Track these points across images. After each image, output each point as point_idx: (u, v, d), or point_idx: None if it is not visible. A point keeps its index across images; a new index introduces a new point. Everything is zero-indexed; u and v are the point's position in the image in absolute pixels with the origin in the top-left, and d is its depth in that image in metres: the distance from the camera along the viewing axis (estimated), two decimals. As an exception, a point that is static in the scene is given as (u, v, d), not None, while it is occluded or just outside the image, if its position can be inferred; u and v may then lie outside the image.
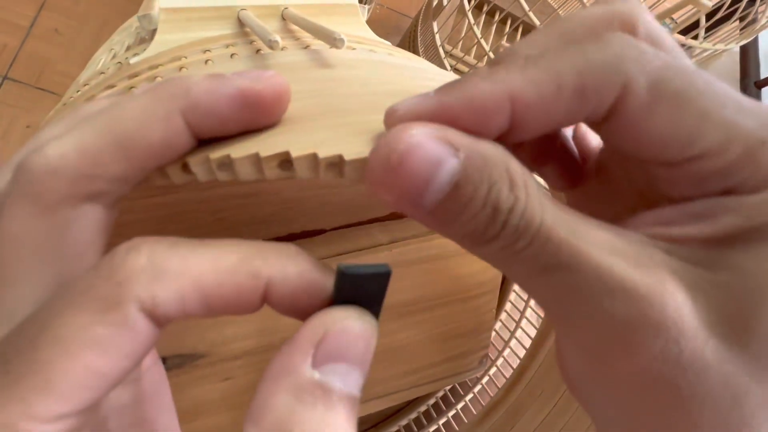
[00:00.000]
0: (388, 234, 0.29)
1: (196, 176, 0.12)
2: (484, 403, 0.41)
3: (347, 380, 0.10)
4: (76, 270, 0.11)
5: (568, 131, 0.16)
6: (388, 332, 0.31)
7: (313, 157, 0.11)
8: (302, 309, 0.11)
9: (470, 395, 0.43)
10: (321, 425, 0.09)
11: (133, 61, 0.24)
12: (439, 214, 0.10)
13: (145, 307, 0.10)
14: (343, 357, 0.10)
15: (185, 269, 0.10)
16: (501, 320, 0.43)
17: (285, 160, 0.11)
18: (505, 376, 0.40)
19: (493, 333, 0.43)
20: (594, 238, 0.10)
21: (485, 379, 0.43)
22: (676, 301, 0.09)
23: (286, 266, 0.11)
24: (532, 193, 0.10)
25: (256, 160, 0.11)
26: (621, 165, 0.14)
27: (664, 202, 0.11)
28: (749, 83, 0.78)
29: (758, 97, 0.78)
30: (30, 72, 0.73)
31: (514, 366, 0.38)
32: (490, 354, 0.41)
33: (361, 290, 0.11)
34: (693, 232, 0.10)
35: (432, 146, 0.09)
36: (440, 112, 0.10)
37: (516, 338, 0.42)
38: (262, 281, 0.10)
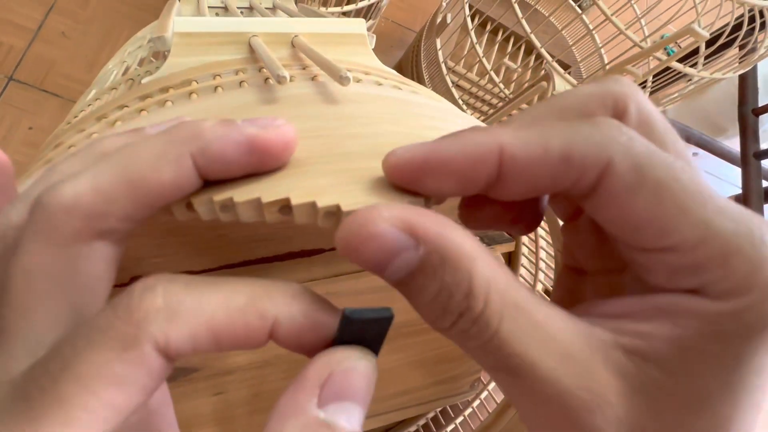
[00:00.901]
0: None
1: (199, 215, 0.12)
2: (474, 427, 0.41)
3: (351, 418, 0.10)
4: (88, 302, 0.12)
5: None
6: (382, 353, 0.31)
7: (312, 206, 0.11)
8: (307, 345, 0.12)
9: (460, 418, 0.43)
10: None
11: (144, 80, 0.24)
12: (401, 289, 0.11)
13: (160, 346, 0.10)
14: (347, 396, 0.10)
15: (198, 310, 0.10)
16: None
17: (285, 206, 0.12)
18: (496, 401, 0.40)
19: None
20: (548, 345, 0.10)
21: (476, 403, 0.43)
22: (606, 414, 0.10)
23: (291, 306, 0.11)
24: (492, 301, 0.10)
25: (258, 205, 0.12)
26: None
27: (637, 286, 0.12)
28: (747, 110, 0.79)
29: (756, 124, 0.79)
30: (35, 74, 0.73)
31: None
32: (482, 377, 0.41)
33: (364, 332, 0.12)
34: (657, 330, 0.11)
35: (390, 238, 0.10)
36: (433, 158, 0.11)
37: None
38: (269, 321, 0.11)
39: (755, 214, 0.11)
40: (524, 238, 0.37)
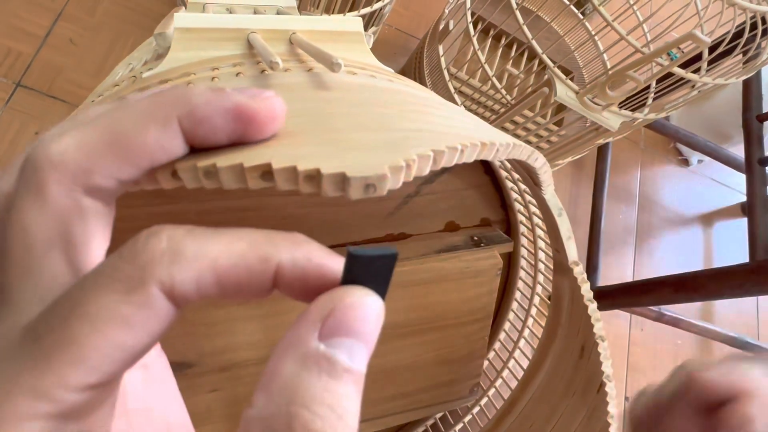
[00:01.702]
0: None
1: (183, 182, 0.12)
2: None
3: (352, 354, 0.10)
4: (85, 257, 0.12)
5: None
6: (380, 353, 0.31)
7: (293, 170, 0.11)
8: (312, 292, 0.11)
9: (460, 425, 0.42)
10: (324, 393, 0.10)
11: (146, 75, 0.24)
12: None
13: (165, 288, 0.10)
14: (349, 332, 0.10)
15: (201, 253, 0.11)
16: (495, 350, 0.43)
17: (266, 172, 0.12)
18: (496, 407, 0.40)
19: (486, 362, 0.43)
20: None
21: (476, 409, 0.43)
22: None
23: (294, 251, 0.11)
24: None
25: (240, 170, 0.12)
26: None
27: None
28: (751, 117, 0.79)
29: (760, 131, 0.78)
30: (42, 80, 0.74)
31: (506, 397, 0.38)
32: (482, 384, 0.41)
33: (369, 272, 0.11)
34: None
35: None
36: None
37: (509, 368, 0.42)
38: (272, 265, 0.11)
39: None
40: (523, 239, 0.37)
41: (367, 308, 0.11)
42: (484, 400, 0.43)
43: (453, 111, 0.21)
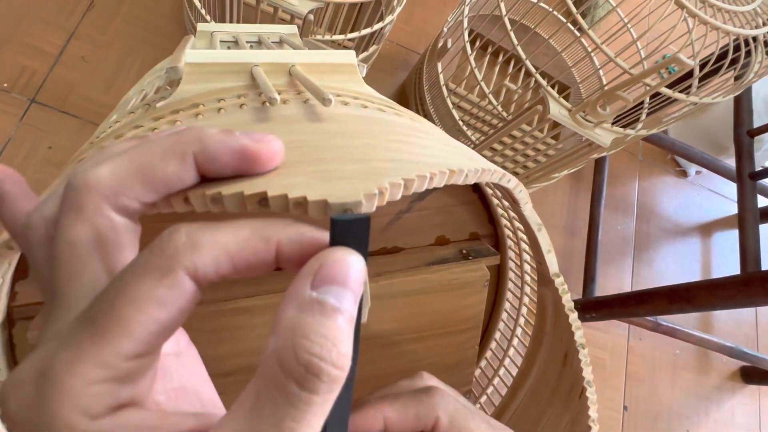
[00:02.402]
0: (375, 267, 0.31)
1: (194, 207, 0.15)
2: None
3: (339, 297, 0.13)
4: (119, 263, 0.14)
5: None
6: (372, 361, 0.33)
7: (284, 197, 0.14)
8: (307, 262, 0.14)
9: None
10: (320, 327, 0.12)
11: (159, 105, 0.27)
12: None
13: (190, 272, 0.13)
14: (335, 281, 0.13)
15: (214, 242, 0.13)
16: (486, 358, 0.45)
17: (263, 198, 0.14)
18: (487, 413, 0.42)
19: (479, 371, 0.44)
20: None
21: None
22: None
23: (289, 230, 0.14)
24: None
25: (241, 197, 0.14)
26: None
27: None
28: (742, 132, 0.81)
29: (751, 145, 0.80)
30: (56, 96, 0.77)
31: (497, 404, 0.40)
32: (474, 391, 0.43)
33: (350, 234, 0.14)
34: None
35: None
36: None
37: (499, 376, 0.43)
38: (272, 244, 0.14)
39: None
40: (511, 252, 0.39)
41: (348, 261, 0.13)
42: (476, 406, 0.44)
43: (435, 139, 0.23)
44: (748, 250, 0.72)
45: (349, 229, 0.14)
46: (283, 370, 0.12)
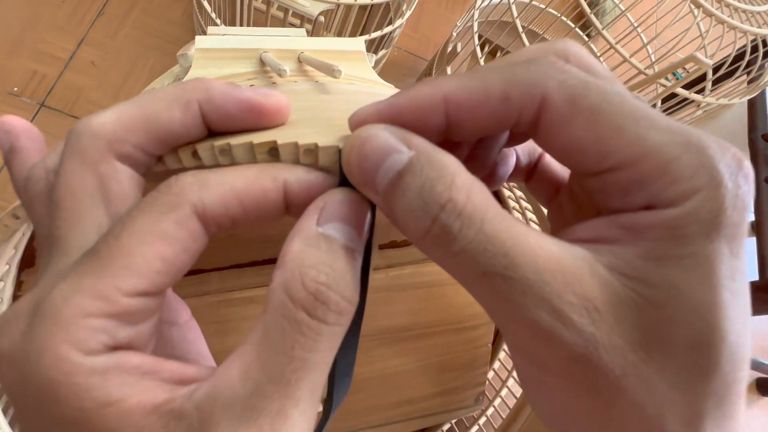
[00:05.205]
0: (385, 259, 0.30)
1: (203, 161, 0.14)
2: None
3: (344, 234, 0.13)
4: (123, 210, 0.14)
5: (551, 163, 0.18)
6: (383, 357, 0.32)
7: (295, 145, 0.14)
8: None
9: (467, 433, 0.43)
10: (325, 258, 0.12)
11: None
12: (387, 199, 0.12)
13: (198, 209, 0.13)
14: (339, 218, 0.13)
15: (222, 181, 0.13)
16: (500, 359, 0.44)
17: (273, 148, 0.14)
18: (502, 417, 0.40)
19: (492, 373, 0.43)
20: (534, 250, 0.11)
21: (482, 420, 0.43)
22: (595, 319, 0.11)
23: (295, 170, 0.14)
24: (476, 197, 0.11)
25: (250, 147, 0.14)
26: (574, 180, 0.16)
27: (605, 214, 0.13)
28: (757, 136, 0.79)
29: (766, 149, 0.79)
30: (65, 101, 0.78)
31: (512, 406, 0.38)
32: (488, 394, 0.41)
33: None
34: (628, 248, 0.11)
35: (383, 138, 0.12)
36: (388, 111, 0.13)
37: (514, 378, 0.42)
38: (280, 183, 0.13)
39: (692, 127, 0.11)
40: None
41: (352, 201, 0.13)
42: (491, 410, 0.43)
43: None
44: (766, 257, 0.70)
45: None
46: (291, 298, 0.12)
